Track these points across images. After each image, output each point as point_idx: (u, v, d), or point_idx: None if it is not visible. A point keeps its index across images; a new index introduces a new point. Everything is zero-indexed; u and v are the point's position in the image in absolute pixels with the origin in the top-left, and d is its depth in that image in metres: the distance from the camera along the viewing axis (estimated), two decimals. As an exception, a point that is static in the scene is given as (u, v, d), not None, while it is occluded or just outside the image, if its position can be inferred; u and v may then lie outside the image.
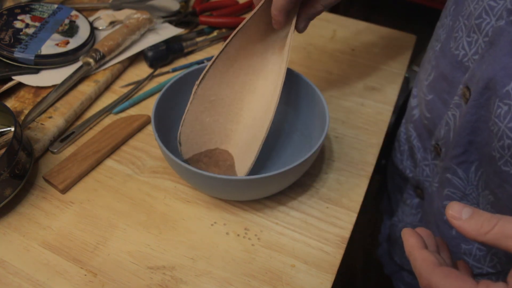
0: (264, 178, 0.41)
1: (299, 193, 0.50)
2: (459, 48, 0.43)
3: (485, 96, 0.39)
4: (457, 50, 0.44)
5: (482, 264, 0.47)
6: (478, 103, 0.40)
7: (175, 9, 0.72)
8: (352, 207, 0.48)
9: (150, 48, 0.64)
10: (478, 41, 0.40)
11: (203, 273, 0.43)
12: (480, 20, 0.39)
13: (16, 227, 0.46)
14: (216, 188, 0.44)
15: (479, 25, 0.40)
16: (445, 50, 0.46)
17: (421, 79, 0.54)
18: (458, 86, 0.44)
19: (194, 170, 0.41)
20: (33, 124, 0.54)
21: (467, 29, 0.42)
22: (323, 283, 0.42)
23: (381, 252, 0.69)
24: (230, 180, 0.41)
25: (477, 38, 0.41)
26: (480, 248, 0.46)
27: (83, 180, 0.50)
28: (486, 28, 0.39)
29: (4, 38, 0.59)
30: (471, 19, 0.41)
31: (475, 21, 0.40)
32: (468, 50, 0.42)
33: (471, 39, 0.41)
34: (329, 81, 0.65)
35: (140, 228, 0.46)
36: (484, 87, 0.38)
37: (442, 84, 0.47)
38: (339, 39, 0.72)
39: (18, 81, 0.58)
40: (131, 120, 0.56)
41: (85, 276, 0.42)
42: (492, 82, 0.37)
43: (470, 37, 0.42)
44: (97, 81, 0.60)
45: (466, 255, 0.48)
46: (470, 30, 0.41)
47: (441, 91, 0.48)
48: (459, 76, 0.44)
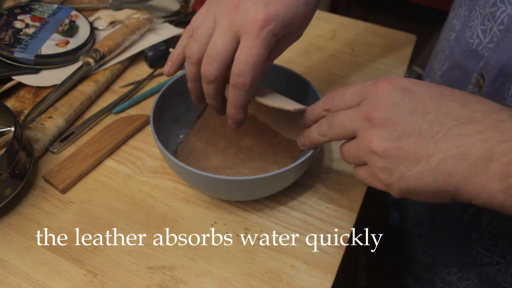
0: (264, 178, 0.41)
1: (299, 193, 0.50)
2: (474, 36, 0.43)
3: (499, 81, 0.38)
4: (472, 38, 0.43)
5: (491, 254, 0.47)
6: (492, 90, 0.39)
7: (175, 9, 0.72)
8: (352, 207, 0.48)
9: (150, 48, 0.64)
10: (493, 29, 0.40)
11: (203, 273, 0.43)
12: (495, 8, 0.39)
13: (16, 227, 0.46)
14: (216, 189, 0.44)
15: (494, 13, 0.39)
16: (460, 39, 0.46)
17: (434, 69, 0.54)
18: (471, 75, 0.44)
19: (193, 170, 0.41)
20: (33, 124, 0.54)
21: (482, 17, 0.42)
22: (323, 283, 0.42)
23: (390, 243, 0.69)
24: (229, 180, 0.41)
25: (491, 26, 0.40)
26: (490, 237, 0.46)
27: (83, 180, 0.50)
28: (501, 16, 0.39)
29: (4, 38, 0.59)
30: (486, 7, 0.41)
31: (490, 9, 0.40)
32: (483, 38, 0.42)
33: (485, 27, 0.41)
34: (329, 81, 0.65)
35: (140, 228, 0.46)
36: (498, 73, 0.38)
37: (455, 73, 0.47)
38: (339, 39, 0.72)
39: (18, 81, 0.58)
40: (131, 120, 0.56)
41: (85, 276, 0.42)
42: (506, 67, 0.37)
43: (484, 25, 0.41)
44: (97, 81, 0.60)
45: (476, 244, 0.48)
46: (485, 18, 0.41)
47: (454, 80, 0.47)
48: (473, 65, 0.44)
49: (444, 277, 0.55)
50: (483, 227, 0.47)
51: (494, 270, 0.48)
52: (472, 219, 0.48)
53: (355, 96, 0.35)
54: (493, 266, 0.48)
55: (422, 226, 0.59)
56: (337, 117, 0.35)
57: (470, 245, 0.49)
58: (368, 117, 0.32)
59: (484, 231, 0.47)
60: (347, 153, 0.36)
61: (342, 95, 0.36)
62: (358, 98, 0.34)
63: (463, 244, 0.50)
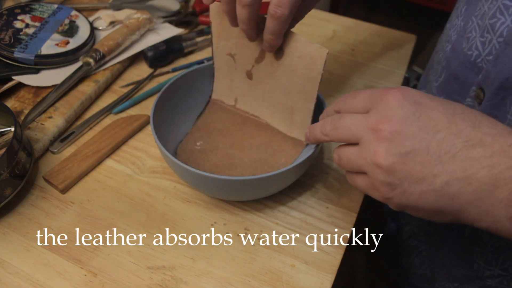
0: (264, 178, 0.41)
1: (299, 193, 0.50)
2: (472, 48, 0.43)
3: (500, 95, 0.38)
4: (470, 50, 0.43)
5: (493, 266, 0.47)
6: (492, 104, 0.39)
7: (175, 9, 0.72)
8: (352, 207, 0.48)
9: (150, 48, 0.64)
10: (492, 41, 0.40)
11: (203, 273, 0.43)
12: (494, 20, 0.39)
13: (16, 227, 0.46)
14: (216, 189, 0.44)
15: (493, 25, 0.39)
16: (457, 51, 0.46)
17: (431, 80, 0.53)
18: (470, 87, 0.44)
19: (193, 170, 0.41)
20: (33, 124, 0.54)
21: (481, 29, 0.41)
22: (323, 283, 0.42)
23: (387, 254, 0.68)
24: (229, 180, 0.41)
25: (490, 38, 0.40)
26: (492, 250, 0.46)
27: (83, 180, 0.50)
28: (500, 28, 0.38)
29: (4, 38, 0.59)
30: (485, 19, 0.40)
31: (489, 21, 0.39)
32: (482, 50, 0.41)
33: (484, 39, 0.41)
34: (329, 81, 0.65)
35: (140, 228, 0.46)
36: (499, 87, 0.38)
37: (453, 85, 0.46)
38: (339, 39, 0.72)
39: (18, 81, 0.58)
40: (131, 120, 0.56)
41: (85, 276, 0.42)
42: (508, 81, 0.37)
43: (483, 37, 0.41)
44: (97, 81, 0.60)
45: (478, 258, 0.48)
46: (484, 30, 0.40)
47: (452, 92, 0.47)
48: (472, 77, 0.43)
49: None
50: (484, 241, 0.46)
51: (495, 282, 0.47)
52: (473, 234, 0.47)
53: (365, 101, 0.34)
54: (494, 279, 0.47)
55: (419, 239, 0.58)
56: (343, 119, 0.35)
57: (471, 259, 0.48)
58: (376, 128, 0.31)
59: (485, 245, 0.46)
60: (346, 159, 0.35)
61: (353, 98, 0.35)
62: (367, 105, 0.33)
63: (464, 258, 0.49)
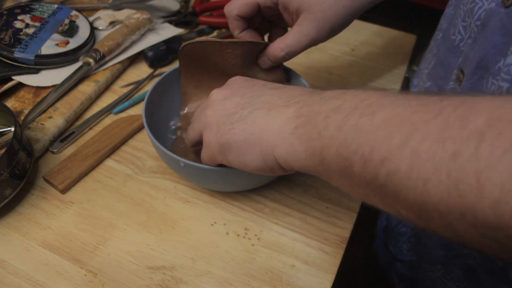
0: None
1: (299, 193, 0.50)
2: (456, 33, 0.44)
3: (477, 75, 0.39)
4: (454, 35, 0.45)
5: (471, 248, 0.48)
6: (470, 83, 0.41)
7: (175, 9, 0.72)
8: (352, 207, 0.48)
9: (150, 48, 0.64)
10: (471, 25, 0.41)
11: (203, 273, 0.43)
12: (473, 5, 0.40)
13: (16, 227, 0.46)
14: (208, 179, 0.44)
15: (472, 9, 0.41)
16: (445, 37, 0.47)
17: (422, 69, 0.55)
18: (453, 71, 0.45)
19: (190, 163, 0.41)
20: (33, 124, 0.54)
21: (464, 14, 0.43)
22: (323, 283, 0.42)
23: (378, 242, 0.69)
24: (225, 171, 0.41)
25: (470, 22, 0.41)
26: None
27: (83, 180, 0.50)
28: (478, 12, 0.40)
29: (4, 38, 0.59)
30: (467, 4, 0.42)
31: (470, 5, 0.41)
32: (464, 34, 0.43)
33: (466, 23, 0.42)
34: (329, 81, 0.65)
35: (140, 228, 0.46)
36: (476, 66, 0.39)
37: (439, 71, 0.48)
38: (339, 39, 0.72)
39: (18, 81, 0.58)
40: (131, 120, 0.56)
41: (85, 276, 0.42)
42: (483, 60, 0.38)
43: (465, 21, 0.43)
44: (97, 81, 0.60)
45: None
46: (466, 14, 0.42)
47: (438, 77, 0.48)
48: (455, 61, 0.45)
49: (428, 275, 0.55)
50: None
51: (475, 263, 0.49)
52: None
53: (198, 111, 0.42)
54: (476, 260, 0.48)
55: (406, 225, 0.60)
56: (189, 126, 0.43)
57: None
58: (205, 107, 0.38)
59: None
60: (190, 132, 0.42)
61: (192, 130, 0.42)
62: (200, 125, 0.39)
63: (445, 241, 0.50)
